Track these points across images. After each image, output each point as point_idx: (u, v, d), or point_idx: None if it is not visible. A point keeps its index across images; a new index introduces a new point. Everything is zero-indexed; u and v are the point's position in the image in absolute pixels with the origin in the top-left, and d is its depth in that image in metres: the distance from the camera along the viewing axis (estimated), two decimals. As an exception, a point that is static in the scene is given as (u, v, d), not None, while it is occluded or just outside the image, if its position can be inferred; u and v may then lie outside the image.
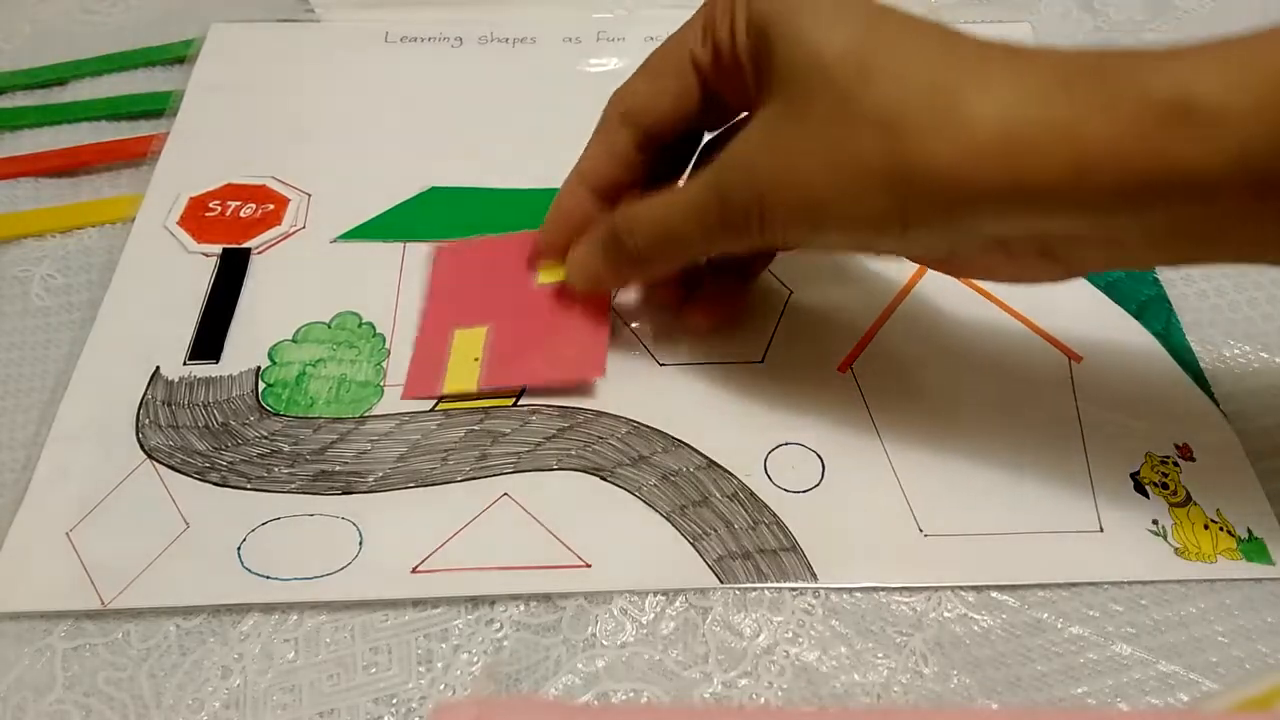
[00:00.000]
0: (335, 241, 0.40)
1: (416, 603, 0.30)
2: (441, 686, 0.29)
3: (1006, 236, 0.28)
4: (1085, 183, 0.25)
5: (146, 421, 0.34)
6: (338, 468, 0.33)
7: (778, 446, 0.34)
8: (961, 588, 0.31)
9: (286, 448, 0.33)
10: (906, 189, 0.26)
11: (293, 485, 0.32)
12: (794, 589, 0.30)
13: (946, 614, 0.30)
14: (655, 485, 0.32)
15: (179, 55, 0.47)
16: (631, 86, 0.33)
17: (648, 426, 0.34)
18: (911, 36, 0.27)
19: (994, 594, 0.31)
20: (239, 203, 0.41)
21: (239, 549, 0.31)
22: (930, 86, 0.25)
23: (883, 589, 0.30)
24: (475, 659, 0.29)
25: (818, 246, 0.32)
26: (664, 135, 0.33)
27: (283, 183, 0.42)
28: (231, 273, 0.38)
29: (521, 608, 0.30)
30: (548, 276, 0.36)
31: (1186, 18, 0.51)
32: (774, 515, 0.32)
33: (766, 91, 0.29)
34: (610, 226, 0.33)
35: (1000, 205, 0.26)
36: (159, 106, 0.45)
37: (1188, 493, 0.33)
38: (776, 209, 0.28)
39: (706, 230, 0.30)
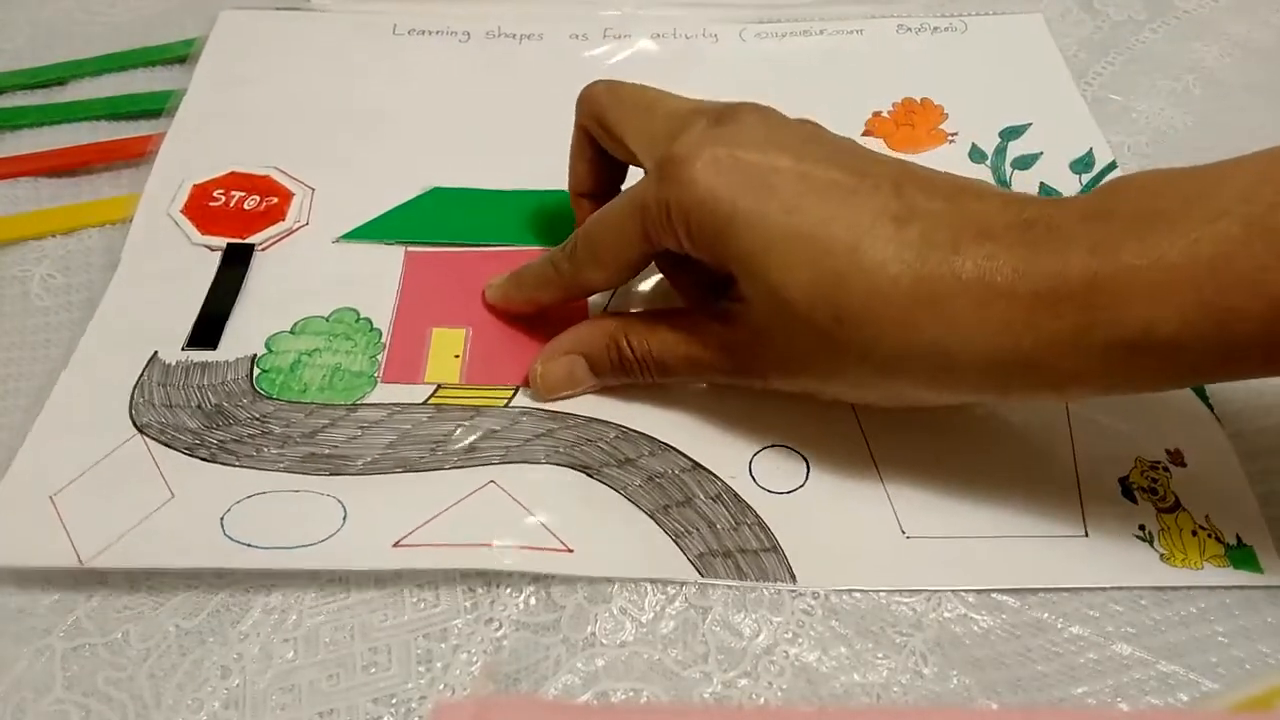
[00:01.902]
0: (337, 241, 0.40)
1: (416, 601, 0.30)
2: (441, 686, 0.29)
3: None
4: (1051, 394, 0.31)
5: (140, 400, 0.34)
6: (327, 451, 0.33)
7: (763, 449, 0.34)
8: (959, 588, 0.31)
9: (277, 430, 0.33)
10: (897, 397, 0.31)
11: (281, 465, 0.32)
12: (793, 590, 0.30)
13: (946, 614, 0.30)
14: (640, 486, 0.32)
15: (179, 55, 0.48)
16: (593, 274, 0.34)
17: (636, 431, 0.34)
18: (871, 267, 0.28)
19: (994, 594, 0.30)
20: (243, 193, 0.41)
21: (222, 519, 0.31)
22: (915, 343, 0.28)
23: (882, 591, 0.30)
24: (475, 659, 0.29)
25: None
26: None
27: (286, 174, 0.42)
28: (234, 268, 0.38)
29: (521, 606, 0.30)
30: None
31: (1186, 18, 0.51)
32: (757, 516, 0.32)
33: (736, 290, 0.31)
34: (614, 343, 0.33)
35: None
36: (158, 106, 0.45)
37: (1177, 498, 0.32)
38: (779, 385, 0.32)
39: (711, 377, 0.34)
